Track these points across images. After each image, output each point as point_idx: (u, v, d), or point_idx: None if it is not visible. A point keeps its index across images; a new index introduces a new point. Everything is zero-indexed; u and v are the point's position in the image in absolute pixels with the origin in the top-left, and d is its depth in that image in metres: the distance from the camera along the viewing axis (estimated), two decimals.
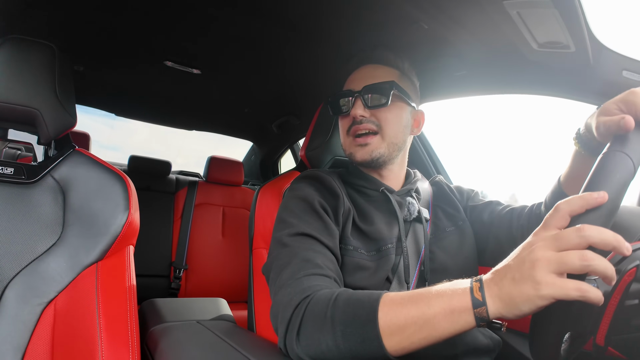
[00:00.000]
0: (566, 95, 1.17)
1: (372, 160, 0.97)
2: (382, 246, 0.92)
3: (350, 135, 1.00)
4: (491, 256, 1.02)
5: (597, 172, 0.53)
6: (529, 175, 3.80)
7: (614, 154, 0.54)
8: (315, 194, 0.93)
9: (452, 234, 1.01)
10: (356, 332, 0.63)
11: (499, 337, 0.96)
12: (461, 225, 1.03)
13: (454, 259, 0.97)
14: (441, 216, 1.04)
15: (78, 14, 1.35)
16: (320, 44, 1.42)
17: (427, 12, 1.07)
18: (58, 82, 0.93)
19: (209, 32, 1.44)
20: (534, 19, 0.96)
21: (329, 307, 0.67)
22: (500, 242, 1.00)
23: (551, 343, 0.52)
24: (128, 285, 0.88)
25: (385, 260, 0.90)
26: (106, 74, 2.07)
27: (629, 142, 0.54)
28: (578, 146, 0.78)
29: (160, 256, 2.42)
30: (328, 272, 0.78)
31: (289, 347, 0.70)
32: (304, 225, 0.86)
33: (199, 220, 2.57)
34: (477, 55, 1.25)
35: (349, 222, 0.93)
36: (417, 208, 0.98)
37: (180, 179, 2.71)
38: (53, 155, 0.97)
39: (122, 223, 0.92)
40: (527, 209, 0.99)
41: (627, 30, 1.02)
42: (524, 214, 0.98)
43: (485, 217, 1.04)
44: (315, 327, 0.67)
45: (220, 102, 2.44)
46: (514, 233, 0.97)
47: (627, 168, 0.52)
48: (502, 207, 1.04)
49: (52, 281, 0.86)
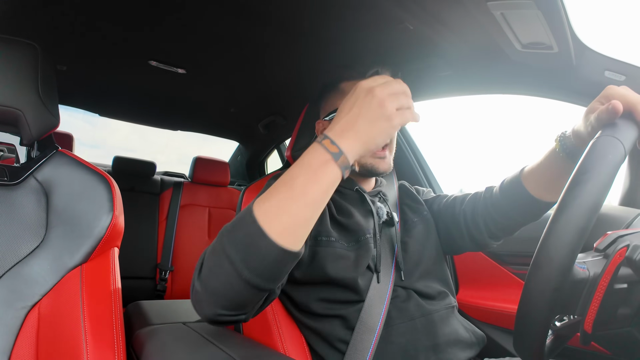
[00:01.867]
0: (550, 95, 1.19)
1: (389, 171, 1.02)
2: (360, 236, 0.96)
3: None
4: (444, 242, 1.09)
5: (589, 155, 0.55)
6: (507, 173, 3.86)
7: (605, 138, 0.56)
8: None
9: (419, 223, 1.08)
10: (240, 234, 0.61)
11: (482, 332, 1.00)
12: (425, 215, 1.10)
13: (424, 246, 1.03)
14: (407, 211, 1.11)
15: (61, 13, 1.33)
16: (306, 44, 1.42)
17: (412, 13, 1.08)
18: (41, 82, 0.92)
19: (194, 31, 1.43)
20: (518, 20, 0.98)
21: (221, 235, 0.65)
22: (447, 226, 1.09)
23: (535, 338, 0.53)
24: (113, 288, 0.86)
25: (365, 249, 0.94)
26: (90, 74, 2.04)
27: (619, 128, 0.57)
28: (558, 147, 0.79)
29: (146, 258, 2.39)
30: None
31: (192, 292, 0.67)
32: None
33: (184, 222, 2.55)
34: (461, 56, 1.27)
35: (326, 215, 0.97)
36: (385, 211, 1.03)
37: (165, 180, 2.69)
38: (36, 157, 0.95)
39: (107, 225, 0.91)
40: (471, 195, 1.07)
41: (609, 30, 1.05)
42: (467, 199, 1.07)
43: (434, 208, 1.13)
44: (211, 256, 0.64)
45: (206, 102, 2.43)
46: (457, 217, 1.06)
47: (618, 151, 0.54)
48: (447, 197, 1.14)
49: (35, 284, 0.84)
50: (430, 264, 1.01)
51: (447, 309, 0.96)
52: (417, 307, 0.92)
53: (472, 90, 1.44)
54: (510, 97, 1.34)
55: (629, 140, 0.56)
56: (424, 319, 0.91)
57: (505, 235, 1.02)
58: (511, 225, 0.98)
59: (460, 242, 1.07)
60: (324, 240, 0.93)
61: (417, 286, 0.96)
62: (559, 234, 0.52)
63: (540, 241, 0.54)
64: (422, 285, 0.96)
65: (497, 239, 1.03)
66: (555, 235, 0.52)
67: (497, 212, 0.97)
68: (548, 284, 0.51)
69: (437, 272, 1.02)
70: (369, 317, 0.88)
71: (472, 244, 1.05)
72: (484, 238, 1.02)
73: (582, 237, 0.51)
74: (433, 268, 1.01)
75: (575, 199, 0.51)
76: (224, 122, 2.84)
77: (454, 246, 1.09)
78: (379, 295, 0.91)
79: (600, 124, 0.63)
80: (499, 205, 0.96)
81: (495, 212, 0.97)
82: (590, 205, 0.51)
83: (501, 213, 0.96)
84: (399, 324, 0.89)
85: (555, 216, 0.53)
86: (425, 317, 0.91)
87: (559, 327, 0.64)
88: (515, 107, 3.53)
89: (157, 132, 3.09)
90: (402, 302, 0.92)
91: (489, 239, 1.02)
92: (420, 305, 0.93)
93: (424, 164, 1.80)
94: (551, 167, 0.83)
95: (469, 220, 1.03)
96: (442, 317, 0.93)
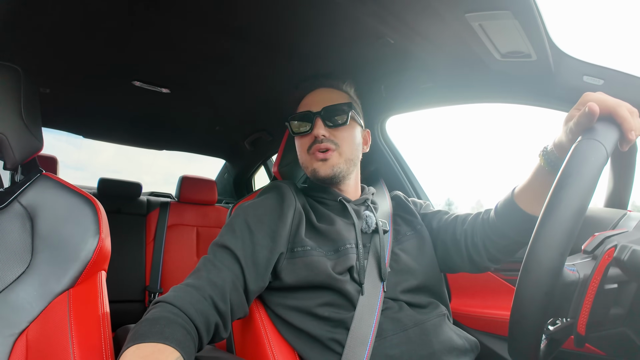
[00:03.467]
0: (530, 102, 1.21)
1: (334, 175, 1.04)
2: (340, 246, 0.96)
3: (310, 154, 1.06)
4: (441, 260, 1.09)
5: (572, 158, 0.56)
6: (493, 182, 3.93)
7: (586, 142, 0.57)
8: (259, 207, 0.98)
9: (412, 237, 1.08)
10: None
11: (475, 339, 1.00)
12: (419, 229, 1.10)
13: (417, 260, 1.03)
14: (400, 223, 1.12)
15: (43, 36, 1.33)
16: (290, 60, 1.43)
17: (392, 27, 1.09)
18: (24, 105, 0.91)
19: (178, 50, 1.43)
20: (496, 31, 1.00)
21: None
22: (446, 246, 1.08)
23: (530, 343, 0.53)
24: (101, 312, 0.85)
25: (344, 258, 0.94)
26: (73, 96, 2.02)
27: (599, 131, 0.58)
28: (543, 162, 0.80)
29: (134, 281, 2.36)
30: (205, 291, 0.81)
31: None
32: (228, 238, 0.92)
33: (172, 242, 2.52)
34: (442, 68, 1.29)
35: (301, 225, 0.98)
36: (374, 220, 1.03)
37: (152, 200, 2.66)
38: (20, 181, 0.94)
39: (93, 248, 0.90)
40: (472, 216, 1.06)
41: (587, 37, 1.07)
42: (468, 220, 1.06)
43: (434, 225, 1.12)
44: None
45: (191, 121, 2.42)
46: (457, 237, 1.05)
47: (600, 153, 0.55)
48: (448, 215, 1.12)
49: (22, 311, 0.82)
50: (423, 279, 1.00)
51: (439, 316, 0.96)
52: (409, 317, 0.92)
53: (454, 101, 1.46)
54: (492, 106, 1.36)
55: (610, 142, 0.57)
56: (418, 329, 0.90)
57: (505, 258, 1.00)
58: (510, 246, 0.97)
59: (459, 263, 1.06)
60: (299, 250, 0.94)
61: (407, 298, 0.96)
62: (547, 237, 0.52)
63: (529, 246, 0.55)
64: (411, 297, 0.96)
65: (497, 261, 1.02)
66: (543, 239, 0.53)
67: (494, 233, 0.97)
68: (539, 288, 0.52)
69: (431, 287, 1.02)
70: (360, 330, 0.87)
71: (471, 266, 1.05)
72: (483, 261, 1.02)
73: (570, 239, 0.52)
74: (426, 283, 1.00)
75: (560, 202, 0.52)
76: (209, 140, 2.83)
77: (452, 265, 1.08)
78: (368, 306, 0.90)
79: (580, 128, 0.64)
80: (495, 227, 0.96)
81: (493, 234, 0.97)
82: (576, 207, 0.51)
83: (499, 234, 0.96)
84: (392, 335, 0.88)
85: (542, 220, 0.54)
86: (419, 327, 0.91)
87: (553, 331, 0.64)
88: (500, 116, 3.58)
89: (143, 152, 3.06)
90: (395, 313, 0.92)
91: (489, 261, 1.01)
92: (412, 314, 0.93)
93: (410, 174, 1.81)
94: (540, 183, 0.83)
95: (469, 242, 1.03)
96: (434, 325, 0.93)
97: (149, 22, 1.24)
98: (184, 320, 0.73)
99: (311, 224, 1.00)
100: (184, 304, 0.76)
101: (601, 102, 0.63)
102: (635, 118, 0.62)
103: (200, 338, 0.76)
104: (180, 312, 0.75)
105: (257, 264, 0.89)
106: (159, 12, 1.18)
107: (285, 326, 0.95)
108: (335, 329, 0.89)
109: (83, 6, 1.15)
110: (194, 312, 0.76)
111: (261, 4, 1.09)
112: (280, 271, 0.93)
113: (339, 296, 0.91)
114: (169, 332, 0.68)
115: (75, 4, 1.14)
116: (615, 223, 0.74)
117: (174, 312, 0.74)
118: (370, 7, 1.00)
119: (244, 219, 0.95)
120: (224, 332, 0.83)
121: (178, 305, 0.75)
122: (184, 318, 0.74)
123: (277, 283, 0.95)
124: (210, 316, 0.79)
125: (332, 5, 1.04)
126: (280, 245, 0.93)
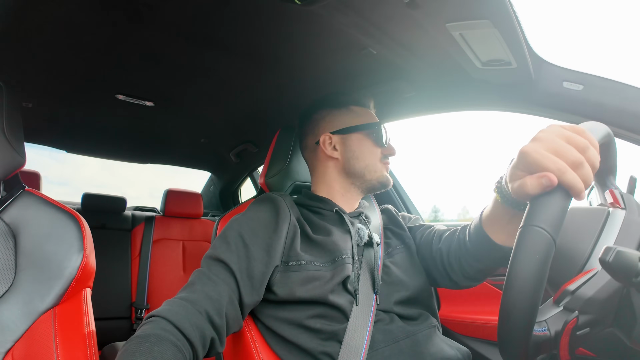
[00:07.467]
0: (511, 109, 1.24)
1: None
2: (337, 256, 0.96)
3: (383, 163, 1.11)
4: (426, 274, 1.07)
5: (517, 248, 0.52)
6: (479, 187, 3.95)
7: (528, 229, 0.52)
8: (253, 220, 0.98)
9: (402, 250, 1.09)
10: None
11: (466, 348, 0.99)
12: (408, 243, 1.11)
13: (407, 273, 1.03)
14: (391, 236, 1.13)
15: (27, 51, 1.31)
16: (273, 71, 1.44)
17: (374, 38, 1.11)
18: (6, 120, 0.90)
19: (161, 63, 1.43)
20: (476, 40, 1.02)
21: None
22: (426, 262, 1.08)
23: (520, 342, 0.53)
24: (87, 330, 0.83)
25: (341, 268, 0.94)
26: (56, 110, 2.00)
27: (541, 215, 0.52)
28: (499, 198, 0.74)
29: (120, 297, 2.32)
30: (200, 304, 0.81)
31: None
32: (222, 251, 0.91)
33: (158, 257, 2.49)
34: (424, 77, 1.31)
35: (296, 239, 0.97)
36: (366, 233, 1.03)
37: (137, 215, 2.63)
38: (2, 197, 0.92)
39: (77, 265, 0.88)
40: (448, 233, 1.05)
41: (566, 43, 1.10)
42: (443, 238, 1.05)
43: (417, 239, 1.13)
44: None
45: (176, 134, 2.41)
46: (433, 255, 1.06)
47: (545, 243, 0.51)
48: (429, 230, 1.12)
49: (7, 330, 0.80)
50: (414, 291, 1.00)
51: (429, 328, 0.96)
52: (401, 328, 0.92)
53: (437, 109, 1.48)
54: (475, 113, 1.38)
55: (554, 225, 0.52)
56: (409, 340, 0.90)
57: (483, 277, 0.99)
58: (486, 270, 0.95)
59: (439, 280, 1.05)
60: (294, 264, 0.94)
61: (398, 310, 0.96)
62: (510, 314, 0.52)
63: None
64: (402, 309, 0.96)
65: (476, 280, 1.00)
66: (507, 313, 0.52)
67: (469, 255, 0.95)
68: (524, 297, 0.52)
69: (421, 299, 1.01)
70: (353, 341, 0.87)
71: (450, 283, 1.03)
72: (461, 280, 1.00)
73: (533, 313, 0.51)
74: (417, 295, 1.00)
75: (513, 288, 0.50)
76: (195, 153, 2.81)
77: (432, 281, 1.08)
78: (361, 317, 0.90)
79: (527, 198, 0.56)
80: (468, 250, 0.95)
81: (468, 256, 0.95)
82: (532, 288, 0.50)
83: (473, 258, 0.94)
84: (383, 347, 0.88)
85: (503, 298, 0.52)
86: (410, 338, 0.91)
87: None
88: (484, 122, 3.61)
89: (127, 166, 3.03)
90: (386, 325, 0.92)
91: (466, 280, 0.99)
92: (403, 326, 0.93)
93: (398, 185, 1.82)
94: (501, 214, 0.80)
95: (445, 261, 1.01)
96: (425, 336, 0.93)
97: (131, 35, 1.23)
98: (176, 337, 0.72)
99: (307, 236, 0.99)
100: (179, 318, 0.75)
101: (539, 167, 0.54)
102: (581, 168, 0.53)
103: (196, 353, 0.75)
104: (174, 328, 0.74)
105: (252, 278, 0.89)
106: (142, 25, 1.17)
107: (275, 339, 0.94)
108: (327, 341, 0.88)
109: (65, 20, 1.14)
110: (189, 327, 0.75)
111: (244, 16, 1.10)
112: (273, 284, 0.93)
113: (331, 308, 0.91)
114: (158, 351, 0.67)
115: (57, 18, 1.13)
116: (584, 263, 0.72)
117: (165, 329, 0.73)
118: (352, 18, 1.02)
119: (238, 232, 0.94)
120: (220, 346, 0.82)
121: (172, 320, 0.74)
122: (176, 334, 0.73)
123: (270, 296, 0.94)
124: (206, 330, 0.78)
125: (315, 17, 1.05)
126: (275, 258, 0.92)
